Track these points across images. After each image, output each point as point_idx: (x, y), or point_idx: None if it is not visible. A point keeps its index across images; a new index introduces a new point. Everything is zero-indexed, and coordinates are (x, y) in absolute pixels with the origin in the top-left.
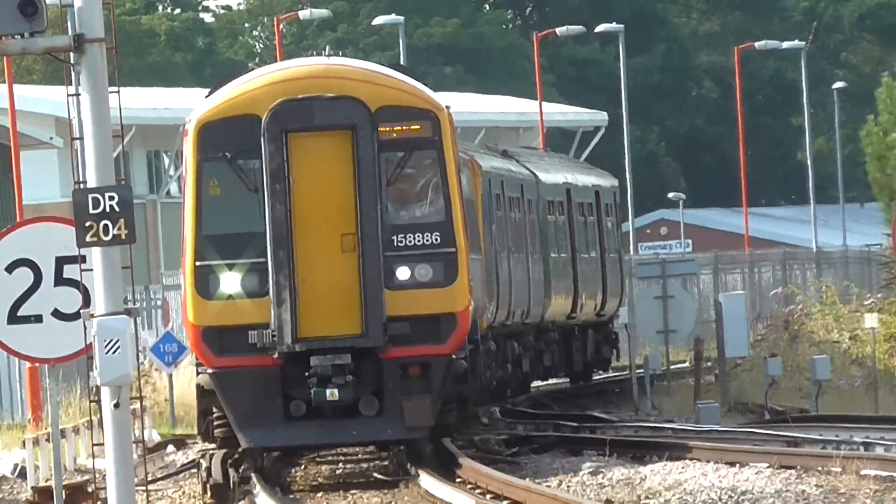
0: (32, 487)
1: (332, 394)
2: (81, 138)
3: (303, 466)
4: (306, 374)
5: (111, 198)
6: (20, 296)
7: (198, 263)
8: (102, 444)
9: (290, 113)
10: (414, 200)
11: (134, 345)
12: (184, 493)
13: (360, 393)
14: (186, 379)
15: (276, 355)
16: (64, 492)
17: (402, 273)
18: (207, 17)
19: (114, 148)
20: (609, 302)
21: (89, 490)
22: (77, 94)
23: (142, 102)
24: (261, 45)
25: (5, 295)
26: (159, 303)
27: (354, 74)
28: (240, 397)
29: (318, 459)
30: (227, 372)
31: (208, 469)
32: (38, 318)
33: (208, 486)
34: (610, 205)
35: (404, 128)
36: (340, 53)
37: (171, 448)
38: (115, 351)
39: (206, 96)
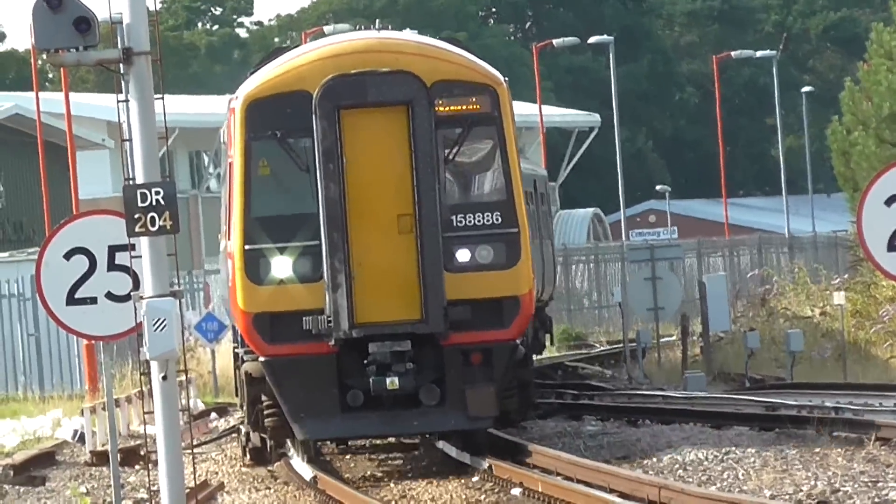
0: (90, 451)
1: (392, 382)
2: (130, 140)
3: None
4: (364, 361)
5: (157, 193)
6: (77, 280)
7: (247, 247)
8: (152, 412)
9: (342, 89)
10: (473, 179)
11: (179, 323)
12: (226, 455)
13: (420, 381)
14: (227, 353)
15: (331, 342)
16: (118, 454)
17: (462, 255)
18: (242, 33)
19: (159, 148)
20: (545, 289)
21: (141, 453)
22: (126, 101)
23: (184, 108)
24: None
25: (64, 279)
26: (201, 286)
27: (409, 48)
28: (294, 387)
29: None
30: (280, 360)
31: (247, 434)
32: (94, 300)
33: (247, 449)
34: (544, 194)
35: (462, 104)
36: (390, 27)
37: (213, 415)
38: (163, 329)
39: (251, 73)
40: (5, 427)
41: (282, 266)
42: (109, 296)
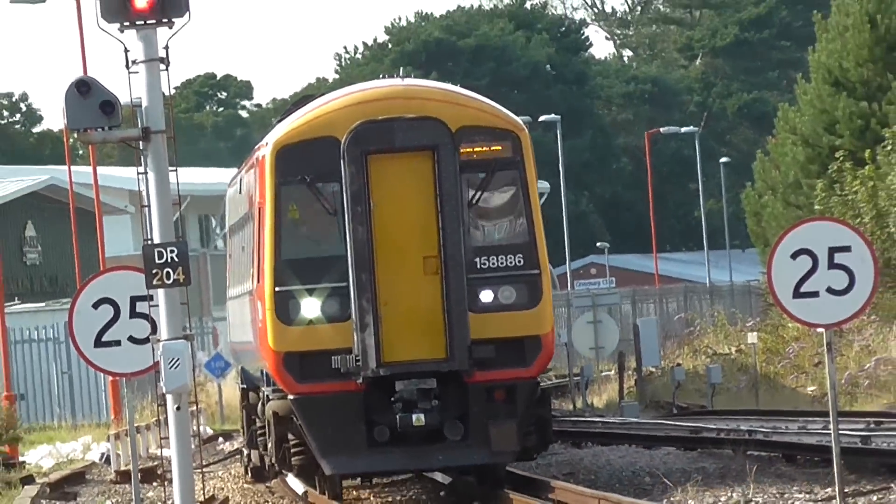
0: (115, 471)
1: (418, 419)
2: (148, 206)
3: None
4: (392, 399)
5: (171, 251)
6: (103, 326)
7: (277, 289)
8: (167, 438)
9: (370, 134)
10: (496, 222)
11: (191, 362)
12: (230, 474)
13: (444, 417)
14: (232, 387)
15: (359, 380)
16: (139, 474)
17: (486, 296)
18: (243, 114)
19: (173, 213)
20: None
21: (158, 472)
22: (145, 173)
23: (194, 178)
24: None
25: (92, 325)
26: (209, 330)
27: (434, 95)
28: (322, 423)
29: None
30: (310, 398)
31: (249, 455)
32: (118, 343)
33: (249, 468)
34: None
35: (486, 148)
36: (412, 75)
37: (220, 440)
38: (177, 367)
39: (278, 121)
40: (42, 451)
41: (311, 307)
42: (131, 339)
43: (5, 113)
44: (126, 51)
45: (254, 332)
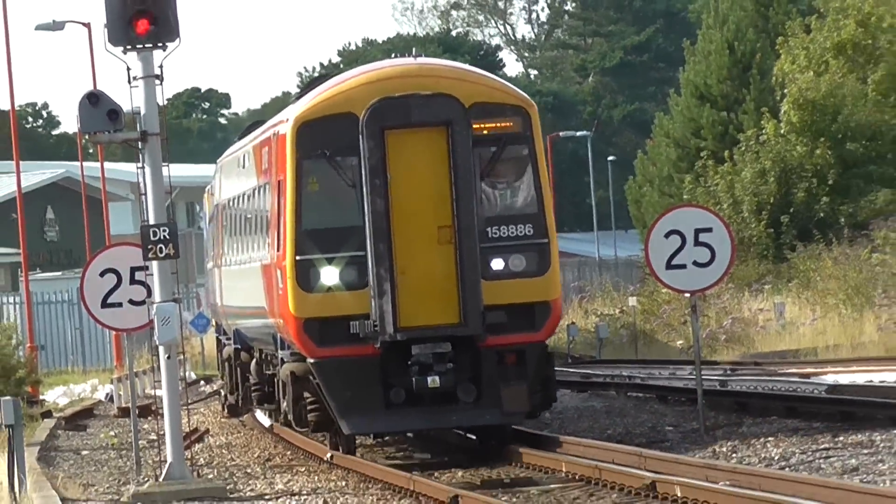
0: (118, 407)
1: (433, 381)
2: (145, 194)
3: None
4: (409, 362)
5: (164, 230)
6: (108, 291)
7: (298, 257)
8: (160, 381)
9: (387, 110)
10: (506, 193)
11: (179, 320)
12: (210, 410)
13: (458, 380)
14: (212, 340)
15: (376, 345)
16: (137, 410)
17: (497, 263)
18: (222, 120)
19: (165, 200)
20: None
21: (153, 409)
22: (143, 167)
23: (182, 172)
24: None
25: (99, 290)
26: (193, 294)
27: (448, 72)
28: (341, 386)
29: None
30: (329, 361)
31: (226, 395)
32: (119, 305)
33: (225, 406)
34: None
35: (497, 123)
36: (423, 55)
37: (202, 383)
38: (167, 324)
39: (295, 98)
40: (58, 391)
41: (330, 275)
42: (131, 301)
43: (30, 119)
44: (128, 69)
45: (270, 298)
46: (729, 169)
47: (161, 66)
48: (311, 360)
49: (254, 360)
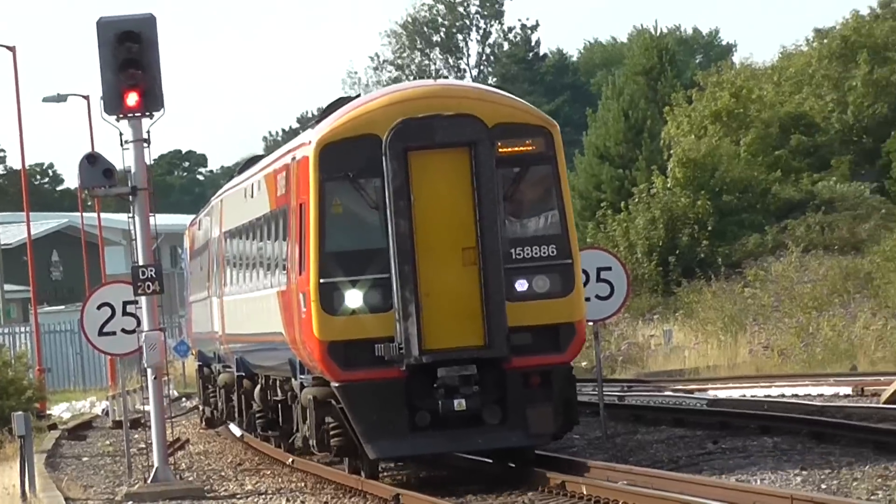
0: (112, 420)
1: (459, 404)
2: (135, 240)
3: None
4: (434, 385)
5: (150, 270)
6: (104, 321)
7: (322, 280)
8: (148, 398)
9: (411, 131)
10: (530, 214)
11: (164, 346)
12: (191, 423)
13: (484, 402)
14: (192, 364)
15: (402, 367)
16: (129, 422)
17: (521, 285)
18: (200, 177)
19: (152, 245)
20: None
21: (142, 421)
22: (133, 217)
23: (166, 221)
24: None
25: (97, 321)
26: (176, 324)
27: (471, 93)
28: (366, 409)
29: None
30: (354, 385)
31: (203, 411)
32: (114, 333)
33: (203, 419)
34: None
35: (520, 144)
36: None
37: (183, 399)
38: (154, 349)
39: (314, 123)
40: (62, 407)
41: (354, 297)
42: (123, 330)
43: (38, 176)
44: (121, 134)
45: (289, 323)
46: (625, 217)
47: (148, 132)
48: (336, 384)
49: (258, 387)
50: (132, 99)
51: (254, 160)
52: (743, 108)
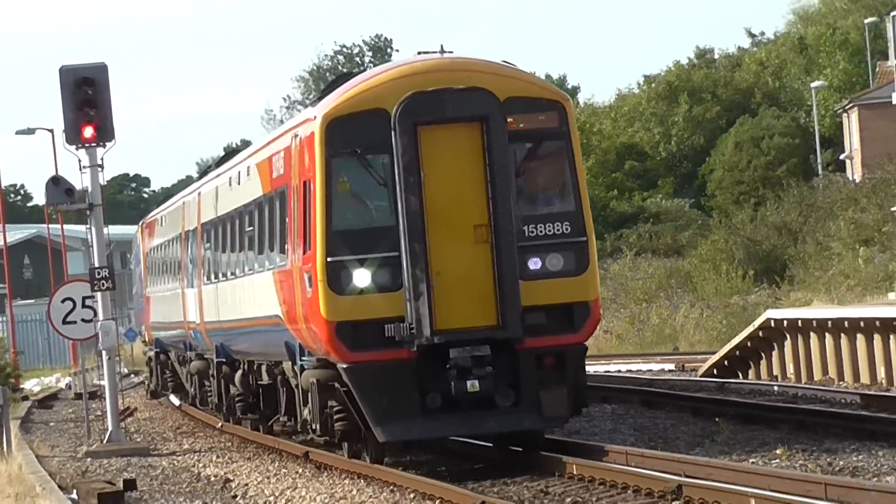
0: (74, 392)
1: (472, 385)
2: (92, 246)
3: None
4: (447, 366)
5: (105, 271)
6: (66, 313)
7: (329, 259)
8: (103, 374)
9: (420, 105)
10: (543, 191)
11: (115, 332)
12: (139, 395)
13: (496, 384)
14: (138, 346)
15: (413, 348)
16: (88, 394)
17: (534, 263)
18: (145, 195)
19: (106, 251)
20: None
21: (98, 394)
22: (90, 228)
23: (116, 231)
24: None
25: (61, 313)
26: (126, 314)
27: (481, 66)
28: (376, 392)
29: None
30: (363, 366)
31: (148, 385)
32: (75, 322)
33: (148, 391)
34: None
35: (533, 118)
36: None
37: (132, 375)
38: (108, 335)
39: (316, 100)
40: (33, 382)
41: (362, 276)
42: (83, 320)
43: (12, 195)
44: (79, 161)
45: (289, 304)
46: None
47: (102, 159)
48: (344, 366)
49: (239, 372)
50: (88, 132)
51: (230, 154)
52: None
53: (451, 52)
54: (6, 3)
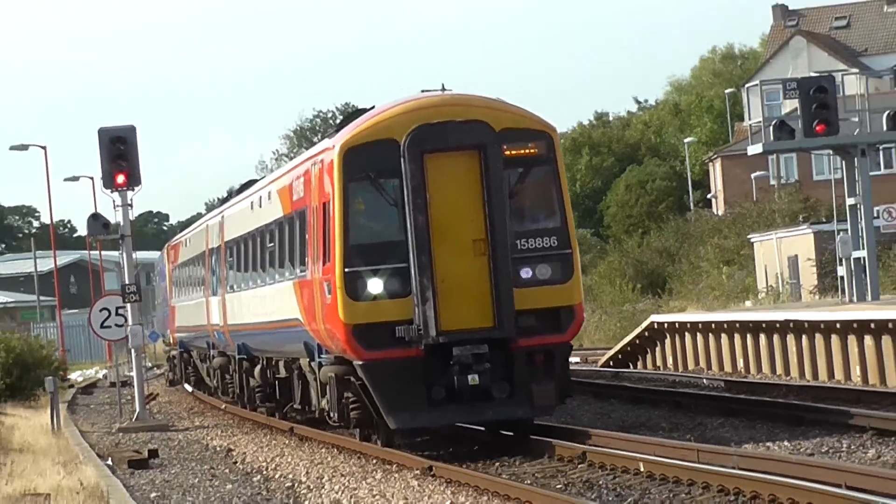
0: (110, 382)
1: (472, 379)
2: (123, 268)
3: None
4: (450, 362)
5: (133, 286)
6: (103, 320)
7: (346, 270)
8: (132, 367)
9: (426, 136)
10: (533, 209)
11: (142, 334)
12: (159, 382)
13: (493, 378)
14: (160, 345)
15: (420, 347)
16: (120, 383)
17: (525, 272)
18: (165, 227)
19: (134, 271)
20: None
21: (128, 382)
22: (122, 253)
23: (142, 257)
24: None
25: (99, 319)
26: (149, 321)
27: (478, 101)
28: (387, 385)
29: None
30: (376, 363)
31: (169, 375)
32: (110, 327)
33: (168, 380)
34: None
35: (524, 146)
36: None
37: (155, 369)
38: (136, 336)
39: (334, 132)
40: (77, 374)
41: (376, 285)
42: (116, 325)
43: (61, 228)
44: (114, 201)
45: (309, 310)
46: None
47: (131, 199)
48: (360, 363)
49: (258, 367)
50: (120, 179)
51: (247, 185)
52: None
53: (451, 89)
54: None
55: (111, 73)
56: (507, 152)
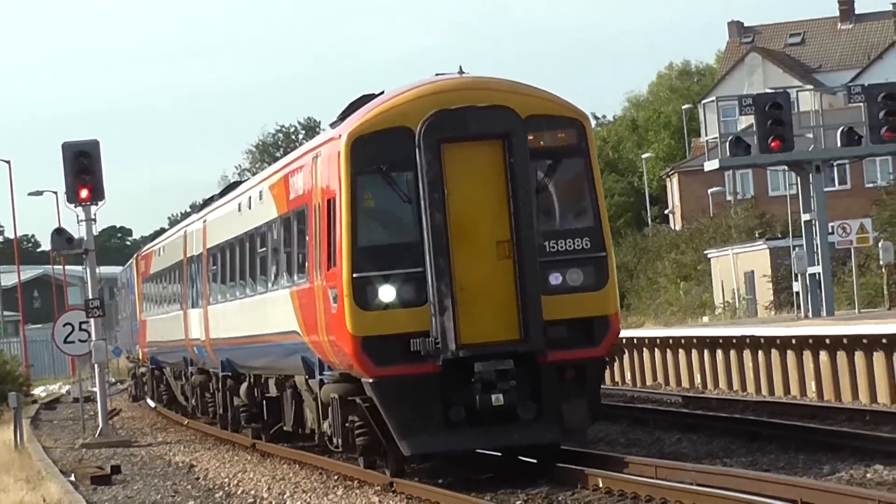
0: (74, 397)
1: (497, 399)
2: (87, 283)
3: None
4: (472, 380)
5: (97, 301)
6: (67, 335)
7: (355, 275)
8: (95, 382)
9: (444, 123)
10: (563, 207)
11: (106, 349)
12: (123, 399)
13: (519, 397)
14: (123, 361)
15: (438, 362)
16: (83, 398)
17: (555, 278)
18: (128, 242)
19: (97, 286)
20: None
21: (91, 398)
22: (86, 267)
23: (105, 271)
24: None
25: (62, 334)
26: (112, 336)
27: (503, 85)
28: (401, 405)
29: None
30: (388, 381)
31: (131, 391)
32: (73, 342)
33: (131, 395)
34: None
35: (553, 136)
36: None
37: (118, 384)
38: (99, 352)
39: (338, 120)
40: (41, 389)
41: (388, 292)
42: (79, 340)
43: (25, 242)
44: (77, 215)
45: (309, 320)
46: None
47: (95, 214)
48: (370, 380)
49: (244, 385)
50: (84, 193)
51: (232, 186)
52: None
53: (469, 72)
54: (15, 89)
55: (74, 93)
56: (534, 142)
